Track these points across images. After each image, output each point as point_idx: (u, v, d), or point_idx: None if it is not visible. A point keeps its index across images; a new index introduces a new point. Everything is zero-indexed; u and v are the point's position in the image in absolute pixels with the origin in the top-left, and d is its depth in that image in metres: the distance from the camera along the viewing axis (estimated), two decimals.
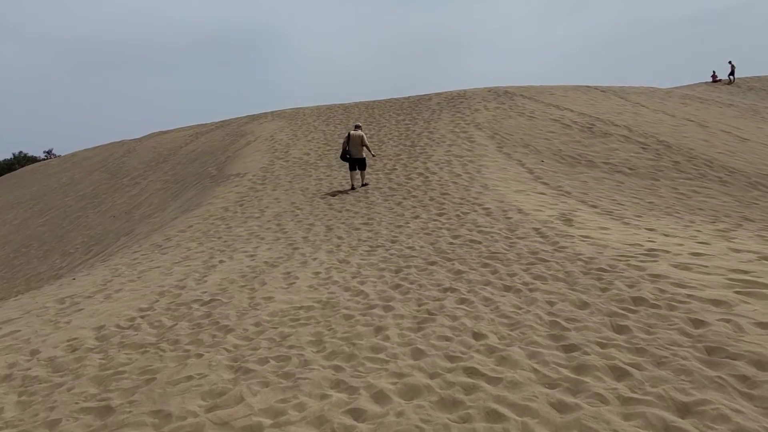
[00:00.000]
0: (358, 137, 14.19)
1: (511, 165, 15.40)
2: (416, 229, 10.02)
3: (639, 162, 15.71)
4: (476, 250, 8.18)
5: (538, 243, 8.38)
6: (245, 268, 8.42)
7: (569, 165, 15.54)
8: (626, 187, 13.98)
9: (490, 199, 11.99)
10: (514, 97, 21.34)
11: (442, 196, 12.54)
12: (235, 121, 28.63)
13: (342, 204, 12.84)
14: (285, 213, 12.62)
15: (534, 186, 13.65)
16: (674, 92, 25.20)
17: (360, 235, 9.98)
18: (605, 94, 22.72)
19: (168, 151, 27.95)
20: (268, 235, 10.85)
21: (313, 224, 11.33)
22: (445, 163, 15.35)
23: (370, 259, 8.29)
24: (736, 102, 24.57)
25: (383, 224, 10.67)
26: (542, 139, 17.37)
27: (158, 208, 19.86)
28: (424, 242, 9.01)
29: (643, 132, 17.88)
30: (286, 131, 22.08)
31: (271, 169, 17.32)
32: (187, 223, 13.32)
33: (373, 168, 15.82)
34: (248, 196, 14.76)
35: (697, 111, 21.49)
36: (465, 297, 6.11)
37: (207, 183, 18.66)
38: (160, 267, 9.35)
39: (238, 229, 11.66)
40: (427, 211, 11.33)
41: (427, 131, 18.68)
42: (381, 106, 23.70)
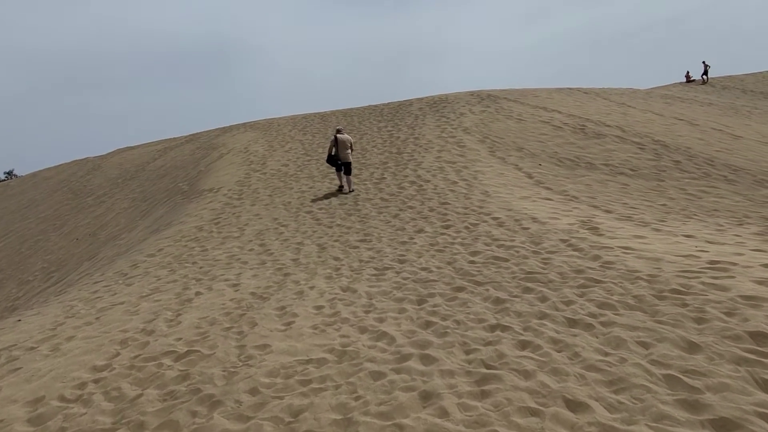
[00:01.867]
0: (347, 140, 13.23)
1: (508, 170, 13.98)
2: (424, 246, 8.44)
3: (639, 163, 14.47)
4: (507, 270, 6.64)
5: (577, 258, 6.90)
6: (228, 303, 6.69)
7: (568, 168, 14.20)
8: (633, 189, 12.68)
9: (497, 207, 10.51)
10: (499, 100, 20.00)
11: (442, 205, 11.00)
12: (205, 134, 26.67)
13: (331, 218, 11.18)
14: (268, 231, 10.89)
15: (537, 191, 12.24)
16: (654, 92, 24.31)
17: (360, 255, 8.35)
18: (588, 95, 21.58)
19: (135, 168, 25.82)
20: (252, 258, 9.12)
21: (302, 243, 9.64)
22: (438, 170, 13.83)
23: (380, 285, 6.67)
24: (714, 101, 23.77)
25: (384, 240, 9.06)
26: (535, 141, 16.02)
27: (125, 228, 17.85)
28: (439, 261, 7.43)
29: (637, 132, 16.71)
30: (261, 142, 20.29)
31: (248, 182, 15.54)
32: (157, 245, 11.48)
33: (359, 177, 14.21)
34: (224, 213, 12.97)
35: (682, 110, 20.50)
36: (524, 338, 4.55)
37: (178, 200, 16.78)
38: (123, 303, 7.55)
39: (216, 252, 9.90)
40: (431, 224, 9.76)
41: (412, 137, 17.16)
42: (360, 113, 22.10)
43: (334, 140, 13.22)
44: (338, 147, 13.13)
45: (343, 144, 13.17)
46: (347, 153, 13.11)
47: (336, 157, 13.10)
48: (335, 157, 13.12)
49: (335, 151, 13.14)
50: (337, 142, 13.17)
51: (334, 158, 13.14)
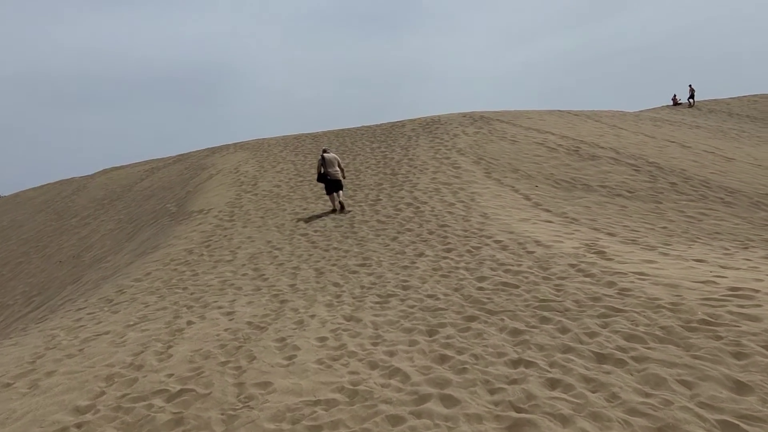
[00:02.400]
0: (334, 159, 13.20)
1: (504, 191, 13.68)
2: (427, 270, 8.03)
3: (636, 184, 14.26)
4: (519, 298, 6.25)
5: (591, 284, 6.53)
6: (223, 333, 6.21)
7: (565, 189, 13.94)
8: (632, 212, 12.42)
9: (497, 230, 10.16)
10: (492, 122, 19.82)
11: (441, 228, 10.63)
12: (194, 154, 26.18)
13: (327, 241, 10.74)
14: (261, 254, 10.42)
15: (537, 213, 11.93)
16: (642, 115, 24.35)
17: (361, 281, 7.91)
18: (579, 117, 21.50)
19: (121, 188, 25.21)
20: (246, 283, 8.63)
21: (299, 268, 9.18)
22: (434, 192, 13.50)
23: (386, 314, 6.23)
24: (702, 124, 23.85)
25: (384, 265, 8.64)
26: (530, 163, 15.79)
27: (111, 250, 17.24)
28: (445, 288, 7.02)
29: (631, 154, 16.56)
30: (252, 163, 19.86)
31: (239, 203, 15.08)
32: (144, 269, 10.94)
33: (354, 199, 13.82)
34: (215, 236, 12.47)
35: (672, 132, 20.48)
36: (552, 376, 4.15)
37: (166, 221, 16.24)
38: (109, 333, 7.01)
39: (207, 277, 9.39)
40: (431, 247, 9.37)
41: (406, 158, 16.85)
42: (352, 134, 21.80)
43: (322, 159, 13.14)
44: (326, 165, 13.01)
45: (330, 162, 13.05)
46: (336, 171, 13.01)
47: (326, 175, 12.95)
48: (325, 174, 12.97)
49: (324, 170, 13.00)
50: (324, 160, 13.07)
51: (324, 176, 12.99)
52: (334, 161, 13.14)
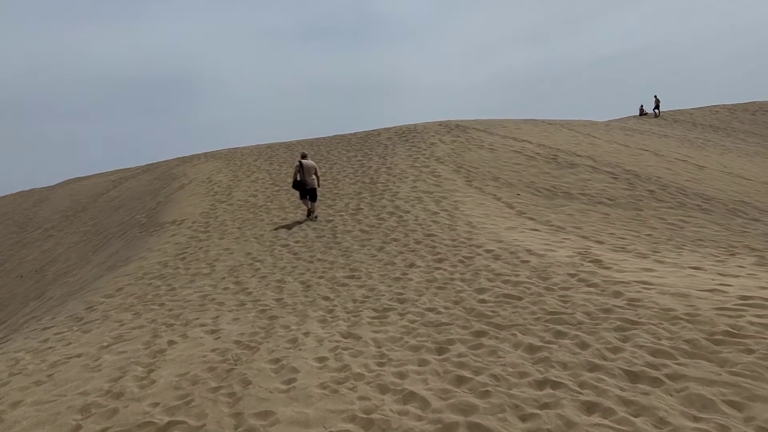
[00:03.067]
0: (312, 166, 12.75)
1: (487, 199, 13.41)
2: (422, 282, 7.60)
3: (615, 192, 14.18)
4: (526, 310, 5.88)
5: (596, 295, 6.22)
6: (210, 354, 5.64)
7: (546, 197, 13.75)
8: (614, 219, 12.28)
9: (486, 238, 9.83)
10: (468, 130, 19.62)
11: (428, 237, 10.25)
12: (163, 164, 25.25)
13: (310, 252, 10.22)
14: (242, 267, 9.83)
15: (522, 222, 11.66)
16: (612, 125, 24.57)
17: (352, 294, 7.42)
18: (554, 126, 21.52)
19: (87, 199, 24.10)
20: (228, 298, 8.05)
21: (284, 281, 8.63)
22: (416, 200, 13.12)
23: (386, 330, 5.77)
24: (669, 133, 24.19)
25: (375, 277, 8.17)
26: (510, 171, 15.58)
27: (76, 264, 16.32)
28: (444, 300, 6.61)
29: (608, 162, 16.54)
30: (225, 172, 19.16)
31: (214, 214, 14.41)
32: (116, 284, 10.22)
33: (334, 208, 13.34)
34: (191, 248, 11.80)
35: (644, 141, 20.65)
36: (586, 398, 3.76)
37: (136, 233, 15.43)
38: (81, 355, 6.36)
39: (185, 291, 8.76)
40: (421, 258, 8.96)
41: (384, 167, 16.45)
42: (327, 143, 21.30)
43: (299, 165, 12.67)
44: (303, 172, 12.60)
45: (308, 170, 12.64)
46: (312, 179, 12.64)
47: (302, 182, 12.56)
48: (301, 182, 12.58)
49: (300, 177, 12.57)
50: (303, 167, 12.63)
51: (300, 183, 12.60)
52: (311, 169, 12.73)
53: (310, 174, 12.65)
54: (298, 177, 12.61)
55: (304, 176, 12.57)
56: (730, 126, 26.32)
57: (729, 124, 26.65)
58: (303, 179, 12.55)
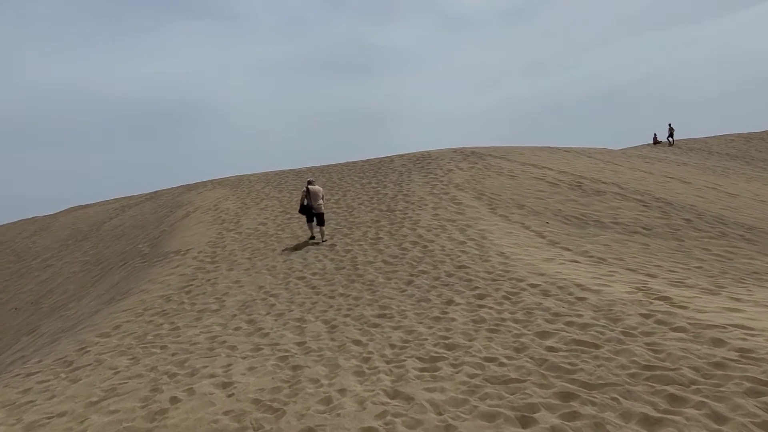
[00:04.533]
0: (319, 191, 12.56)
1: (514, 228, 12.28)
2: (467, 323, 6.43)
3: (650, 221, 13.06)
4: (612, 363, 4.70)
5: (691, 343, 5.03)
6: (223, 420, 4.44)
7: (577, 226, 12.62)
8: (656, 250, 11.12)
9: (525, 271, 8.68)
10: (485, 157, 18.62)
11: (460, 269, 9.09)
12: (168, 191, 24.20)
13: (331, 286, 9.04)
14: (254, 303, 8.64)
15: (558, 252, 10.51)
16: (628, 152, 23.64)
17: (388, 337, 6.23)
18: (570, 153, 20.55)
19: (89, 228, 22.98)
20: (241, 340, 6.85)
21: (304, 320, 7.44)
22: (439, 229, 12.00)
23: (443, 388, 4.57)
24: (687, 161, 23.23)
25: (410, 316, 6.99)
26: (534, 198, 14.50)
27: (74, 296, 15.11)
28: (503, 348, 5.42)
29: (636, 189, 15.47)
30: (233, 199, 18.08)
31: (221, 243, 13.26)
32: (113, 320, 9.02)
33: (351, 237, 12.20)
34: (197, 280, 10.63)
35: (666, 168, 19.64)
36: None
37: (138, 263, 14.27)
38: (65, 415, 5.14)
39: (191, 331, 7.56)
40: (458, 293, 7.79)
41: (401, 194, 15.37)
42: (339, 170, 20.28)
43: (306, 191, 12.49)
44: (310, 198, 12.38)
45: (315, 195, 12.41)
46: (320, 204, 12.39)
47: (309, 207, 12.35)
48: (308, 207, 12.37)
49: (308, 202, 12.37)
50: (309, 192, 12.42)
51: (308, 208, 12.38)
52: (318, 194, 12.47)
53: (317, 199, 12.37)
54: (305, 202, 12.39)
55: (311, 201, 12.32)
56: (748, 154, 25.40)
57: (747, 153, 25.72)
58: (310, 204, 12.32)
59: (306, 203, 12.41)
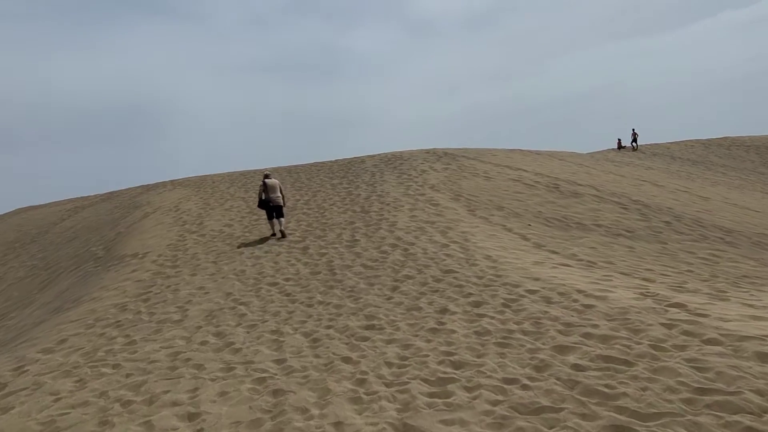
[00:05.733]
0: (275, 184, 12.22)
1: (496, 230, 11.58)
2: (469, 334, 5.60)
3: (631, 223, 12.59)
4: (657, 384, 3.95)
5: (737, 359, 4.34)
6: None
7: (560, 229, 12.03)
8: (642, 253, 10.61)
9: (518, 276, 7.94)
10: (458, 158, 17.95)
11: (447, 274, 8.29)
12: (125, 191, 22.63)
13: (307, 293, 8.08)
14: (222, 312, 7.60)
15: (546, 255, 9.85)
16: (596, 156, 23.48)
17: (382, 353, 5.34)
18: (542, 156, 20.12)
19: (37, 230, 21.21)
20: (209, 357, 5.83)
21: (280, 331, 6.47)
22: (418, 231, 11.19)
23: (463, 420, 3.72)
24: (652, 166, 23.20)
25: (403, 327, 6.12)
26: (513, 200, 13.87)
27: (18, 304, 13.62)
28: (520, 366, 4.62)
29: (612, 191, 15.05)
30: (195, 200, 16.82)
31: (183, 246, 12.08)
32: (59, 333, 7.82)
33: (325, 239, 11.25)
34: (156, 286, 9.48)
35: (636, 172, 19.43)
36: None
37: (90, 268, 12.93)
38: None
39: (150, 346, 6.48)
40: (451, 300, 6.97)
41: (375, 194, 14.50)
42: (306, 170, 19.24)
43: (263, 185, 12.10)
44: (267, 191, 11.99)
45: (273, 188, 12.06)
46: (277, 196, 12.05)
47: (268, 201, 11.94)
48: (266, 201, 11.95)
49: (265, 196, 11.98)
50: (266, 186, 12.04)
51: (266, 202, 11.96)
52: (276, 186, 12.14)
53: (275, 191, 12.05)
54: (263, 196, 12.00)
55: (268, 194, 11.94)
56: (708, 160, 25.65)
57: (706, 158, 25.99)
58: (268, 197, 11.91)
59: (264, 197, 11.98)
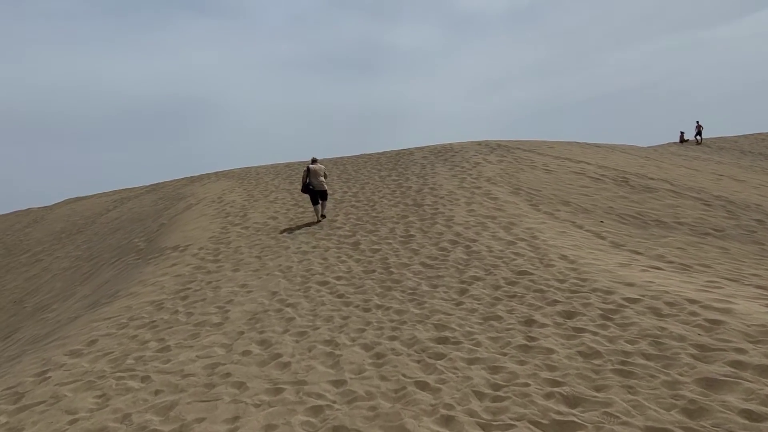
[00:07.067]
0: (320, 169, 11.98)
1: (566, 227, 10.24)
2: (571, 356, 4.41)
3: (718, 221, 11.03)
4: None
5: None
6: None
7: (637, 227, 10.59)
8: (739, 255, 9.09)
9: (608, 281, 6.64)
10: (512, 150, 16.58)
11: (521, 276, 7.06)
12: (170, 183, 22.15)
13: (362, 294, 7.00)
14: (267, 315, 6.60)
15: (630, 256, 8.48)
16: (658, 150, 21.67)
17: (465, 376, 4.20)
18: (602, 149, 18.52)
19: (84, 220, 20.92)
20: (252, 372, 4.81)
21: (335, 342, 5.41)
22: (479, 226, 9.97)
23: None
24: (721, 160, 21.23)
25: (483, 341, 4.95)
26: (578, 194, 12.46)
27: (60, 295, 13.06)
28: (656, 404, 3.41)
29: (689, 187, 13.44)
30: (239, 191, 16.03)
31: (226, 239, 11.22)
32: (90, 332, 6.98)
33: (377, 234, 10.17)
34: (195, 282, 8.59)
35: (710, 166, 17.62)
36: None
37: (131, 260, 12.23)
38: None
39: (185, 355, 5.52)
40: (535, 309, 5.75)
41: (427, 187, 13.33)
42: (353, 162, 18.23)
43: (307, 170, 11.89)
44: (311, 176, 11.76)
45: (315, 173, 11.83)
46: (321, 181, 11.81)
47: (310, 185, 11.72)
48: (309, 185, 11.73)
49: (309, 180, 11.74)
50: (309, 171, 11.82)
51: (308, 186, 11.75)
52: (319, 171, 11.86)
53: (318, 176, 11.78)
54: (306, 180, 11.75)
55: (311, 179, 11.70)
56: None
57: None
58: (310, 181, 11.69)
59: (307, 181, 11.72)
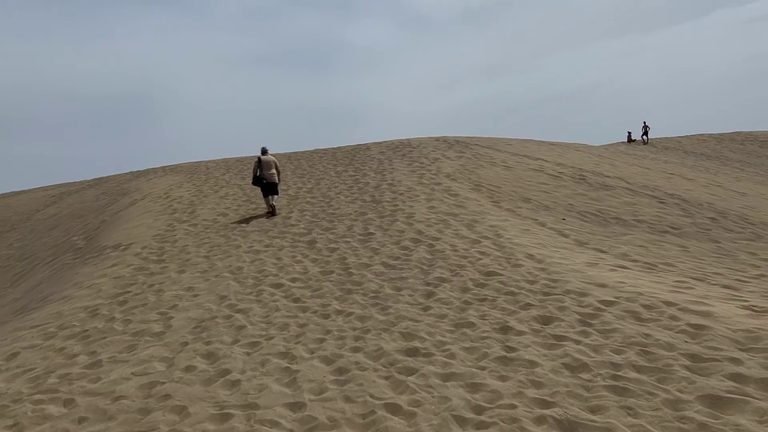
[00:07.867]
0: (271, 161, 11.47)
1: (528, 225, 9.93)
2: (556, 369, 3.96)
3: (674, 219, 11.00)
4: None
5: None
6: None
7: (598, 224, 10.41)
8: (699, 253, 9.01)
9: (579, 281, 6.31)
10: (470, 146, 16.26)
11: (489, 277, 6.63)
12: (114, 178, 20.76)
13: (320, 298, 6.38)
14: (215, 323, 5.89)
15: (596, 255, 8.22)
16: (609, 149, 21.92)
17: (442, 396, 3.68)
18: (558, 147, 18.50)
19: (18, 216, 19.31)
20: (195, 394, 4.13)
21: (292, 355, 4.78)
22: (441, 224, 9.52)
23: None
24: (668, 159, 21.69)
25: (457, 353, 4.44)
26: (539, 191, 12.22)
27: None
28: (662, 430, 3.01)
29: (643, 184, 13.45)
30: (187, 186, 15.03)
31: (172, 237, 10.33)
32: (12, 344, 6.08)
33: (334, 232, 9.55)
34: (136, 285, 7.74)
35: (659, 165, 17.86)
36: None
37: (68, 260, 11.16)
38: None
39: (118, 371, 4.77)
40: (509, 314, 5.30)
41: (385, 183, 12.80)
42: (307, 157, 17.48)
43: (258, 161, 11.40)
44: (262, 168, 11.28)
45: (267, 164, 11.35)
46: (272, 173, 11.34)
47: (261, 178, 11.26)
48: (260, 178, 11.27)
49: (260, 173, 11.29)
50: (261, 163, 11.33)
51: (260, 179, 11.28)
52: (271, 164, 11.40)
53: (270, 168, 11.32)
54: (257, 173, 11.28)
55: (262, 171, 11.23)
56: (723, 155, 24.16)
57: (721, 153, 24.50)
58: (262, 174, 11.21)
59: (258, 174, 11.25)
